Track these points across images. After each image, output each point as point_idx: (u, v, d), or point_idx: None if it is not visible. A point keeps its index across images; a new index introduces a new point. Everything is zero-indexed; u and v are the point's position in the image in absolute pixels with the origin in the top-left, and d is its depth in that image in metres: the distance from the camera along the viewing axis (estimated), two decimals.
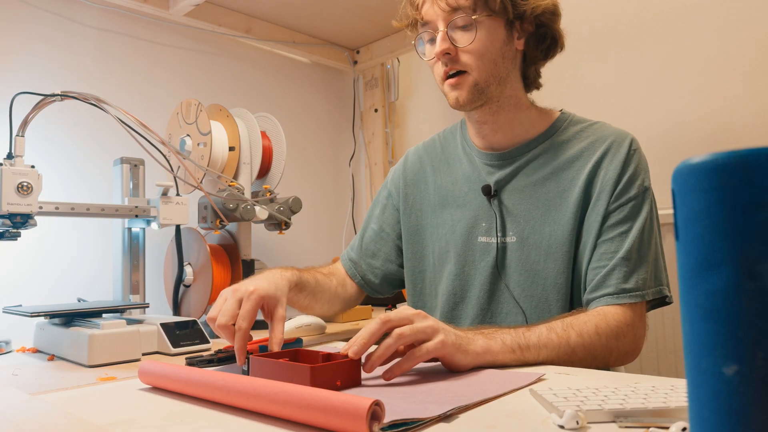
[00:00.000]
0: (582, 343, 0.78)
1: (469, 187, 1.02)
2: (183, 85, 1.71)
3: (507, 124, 0.98)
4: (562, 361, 0.77)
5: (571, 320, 0.80)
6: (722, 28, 1.40)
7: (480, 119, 0.98)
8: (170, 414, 0.59)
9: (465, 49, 0.90)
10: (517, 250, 0.94)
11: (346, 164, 2.22)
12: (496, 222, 0.96)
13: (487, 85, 0.92)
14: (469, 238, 0.99)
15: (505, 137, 0.99)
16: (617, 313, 0.82)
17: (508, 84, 0.95)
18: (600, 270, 0.86)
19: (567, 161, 0.94)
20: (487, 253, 0.97)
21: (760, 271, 0.27)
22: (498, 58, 0.92)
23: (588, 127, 0.97)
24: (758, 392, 0.27)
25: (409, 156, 1.15)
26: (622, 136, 0.93)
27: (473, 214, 1.00)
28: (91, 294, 1.41)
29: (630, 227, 0.87)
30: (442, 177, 1.07)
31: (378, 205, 1.15)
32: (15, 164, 0.98)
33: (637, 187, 0.89)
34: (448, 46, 0.90)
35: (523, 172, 0.96)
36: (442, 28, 0.90)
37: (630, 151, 0.91)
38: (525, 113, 0.98)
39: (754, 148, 0.27)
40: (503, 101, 0.96)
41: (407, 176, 1.12)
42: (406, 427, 0.50)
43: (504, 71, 0.93)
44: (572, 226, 0.90)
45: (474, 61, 0.90)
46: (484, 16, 0.89)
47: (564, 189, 0.93)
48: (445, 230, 1.03)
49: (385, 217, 1.12)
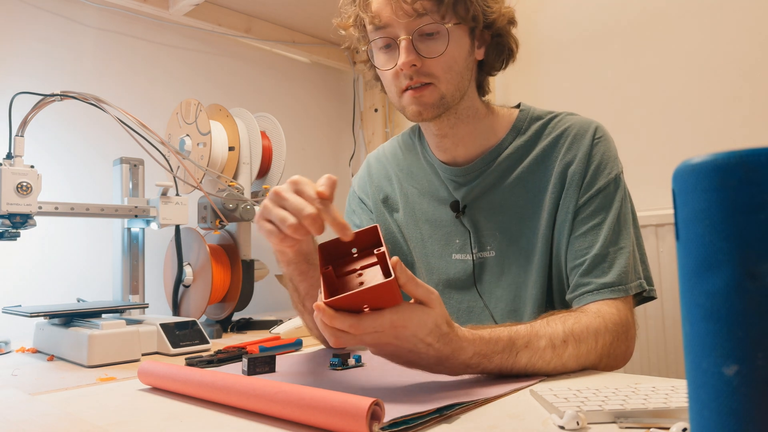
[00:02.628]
0: (576, 355, 0.71)
1: (437, 202, 0.97)
2: (183, 85, 1.71)
3: (467, 136, 0.92)
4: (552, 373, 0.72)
5: (572, 326, 0.72)
6: (722, 27, 1.40)
7: (439, 132, 0.92)
8: (170, 414, 0.59)
9: (432, 60, 0.82)
10: (496, 265, 0.91)
11: (346, 164, 2.21)
12: (470, 238, 0.93)
13: (452, 98, 0.85)
14: (443, 256, 0.95)
15: (467, 149, 0.93)
16: (613, 314, 0.77)
17: (466, 95, 0.89)
18: (578, 268, 0.82)
19: (533, 164, 0.90)
20: (462, 271, 0.93)
21: (760, 271, 0.27)
22: (463, 70, 0.85)
23: (549, 121, 0.91)
24: (758, 392, 0.27)
25: (372, 163, 1.08)
26: (585, 125, 0.88)
27: (445, 231, 0.95)
28: (90, 294, 1.41)
29: (603, 219, 0.83)
30: (407, 187, 1.01)
31: (354, 215, 1.06)
32: (14, 164, 0.98)
33: (606, 177, 0.84)
34: (414, 57, 0.81)
35: (491, 184, 0.92)
36: (405, 36, 0.81)
37: (594, 140, 0.86)
38: (483, 122, 0.93)
39: (754, 148, 0.27)
40: (461, 113, 0.90)
41: (374, 184, 1.05)
42: (406, 426, 0.50)
43: (466, 83, 0.87)
44: (548, 230, 0.87)
45: (442, 72, 0.82)
46: (452, 25, 0.82)
47: (534, 193, 0.89)
48: (415, 243, 0.99)
49: (364, 224, 1.04)
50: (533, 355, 0.68)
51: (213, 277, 1.25)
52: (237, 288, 1.30)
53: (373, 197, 1.05)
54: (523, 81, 1.74)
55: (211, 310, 1.34)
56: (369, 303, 0.58)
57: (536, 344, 0.68)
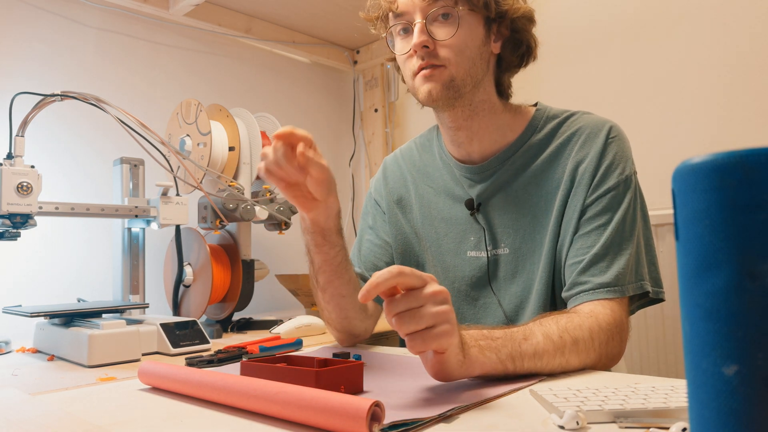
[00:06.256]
0: (576, 351, 0.72)
1: (452, 201, 0.98)
2: (183, 85, 1.71)
3: (482, 130, 0.93)
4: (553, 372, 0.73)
5: (566, 324, 0.74)
6: (722, 27, 1.40)
7: (453, 125, 0.93)
8: (170, 414, 0.59)
9: (444, 43, 0.85)
10: (510, 262, 0.91)
11: (346, 164, 2.22)
12: (485, 236, 0.93)
13: (463, 83, 0.87)
14: (458, 253, 0.96)
15: (482, 145, 0.94)
16: (607, 314, 0.77)
17: (481, 87, 0.90)
18: (576, 266, 0.82)
19: (546, 162, 0.90)
20: (477, 268, 0.94)
21: (760, 271, 0.27)
22: (476, 56, 0.87)
23: (565, 120, 0.92)
24: (758, 392, 0.27)
25: (388, 165, 1.10)
26: (600, 125, 0.89)
27: (460, 229, 0.96)
28: (90, 294, 1.41)
29: (609, 219, 0.82)
30: (423, 187, 1.03)
31: (368, 215, 1.10)
32: (15, 164, 0.98)
33: (617, 177, 0.84)
34: (426, 39, 0.85)
35: (505, 182, 0.93)
36: (420, 20, 0.85)
37: (607, 140, 0.87)
38: (500, 117, 0.94)
39: (754, 148, 0.27)
40: (476, 105, 0.91)
41: (389, 186, 1.07)
42: (406, 428, 0.50)
43: (480, 73, 0.89)
44: (556, 227, 0.87)
45: (453, 56, 0.85)
46: (466, 11, 0.85)
47: (548, 191, 0.89)
48: (430, 243, 1.00)
49: (379, 227, 1.07)
50: (536, 350, 0.69)
51: (213, 277, 1.25)
52: (237, 288, 1.30)
53: (387, 198, 1.07)
54: (523, 81, 1.74)
55: (211, 310, 1.34)
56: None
57: (534, 339, 0.70)
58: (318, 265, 0.87)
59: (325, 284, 0.89)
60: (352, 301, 0.91)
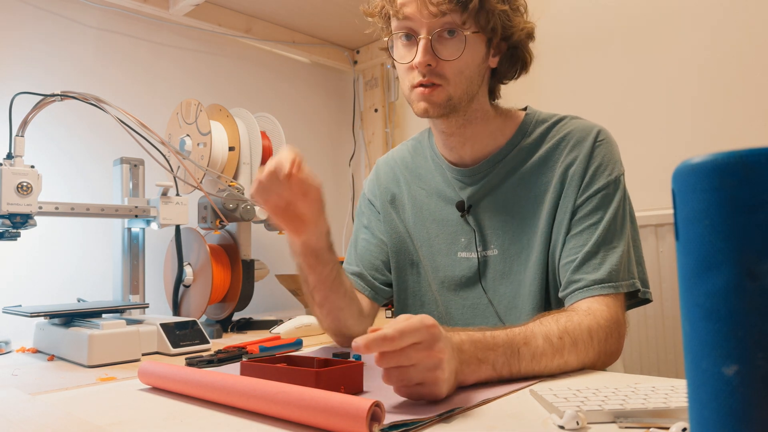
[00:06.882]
0: (575, 352, 0.73)
1: (444, 202, 0.99)
2: (183, 85, 1.71)
3: (474, 136, 0.94)
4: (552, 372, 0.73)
5: (566, 324, 0.74)
6: (722, 27, 1.40)
7: (446, 131, 0.94)
8: (170, 414, 0.59)
9: (446, 63, 0.85)
10: (499, 263, 0.93)
11: (346, 164, 2.22)
12: (475, 237, 0.95)
13: (459, 101, 0.88)
14: (449, 254, 0.98)
15: (473, 149, 0.95)
16: (603, 311, 0.78)
17: (475, 99, 0.91)
18: (569, 265, 0.83)
19: (535, 165, 0.92)
20: (468, 269, 0.95)
21: (760, 271, 0.27)
22: (474, 75, 0.88)
23: (554, 125, 0.93)
24: (758, 392, 0.27)
25: (380, 166, 1.11)
26: (588, 129, 0.90)
27: (452, 230, 0.98)
28: (90, 294, 1.41)
29: (600, 218, 0.84)
30: (415, 189, 1.04)
31: (363, 215, 1.10)
32: (15, 164, 0.98)
33: (606, 177, 0.86)
34: (430, 58, 0.84)
35: (495, 185, 0.94)
36: (425, 36, 0.84)
37: (596, 143, 0.88)
38: (492, 123, 0.95)
39: (754, 148, 0.27)
40: (470, 115, 0.92)
41: (382, 186, 1.08)
42: (406, 428, 0.50)
43: (476, 88, 0.90)
44: (547, 228, 0.88)
45: (453, 75, 0.86)
46: (471, 32, 0.85)
47: (536, 194, 0.90)
48: (422, 243, 1.01)
49: (374, 226, 1.08)
50: (534, 354, 0.69)
51: (213, 277, 1.25)
52: (237, 288, 1.30)
53: (380, 198, 1.08)
54: (522, 81, 1.74)
55: (211, 310, 1.34)
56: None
57: (534, 342, 0.69)
58: (313, 285, 0.88)
59: (322, 300, 0.90)
60: (350, 310, 0.92)
